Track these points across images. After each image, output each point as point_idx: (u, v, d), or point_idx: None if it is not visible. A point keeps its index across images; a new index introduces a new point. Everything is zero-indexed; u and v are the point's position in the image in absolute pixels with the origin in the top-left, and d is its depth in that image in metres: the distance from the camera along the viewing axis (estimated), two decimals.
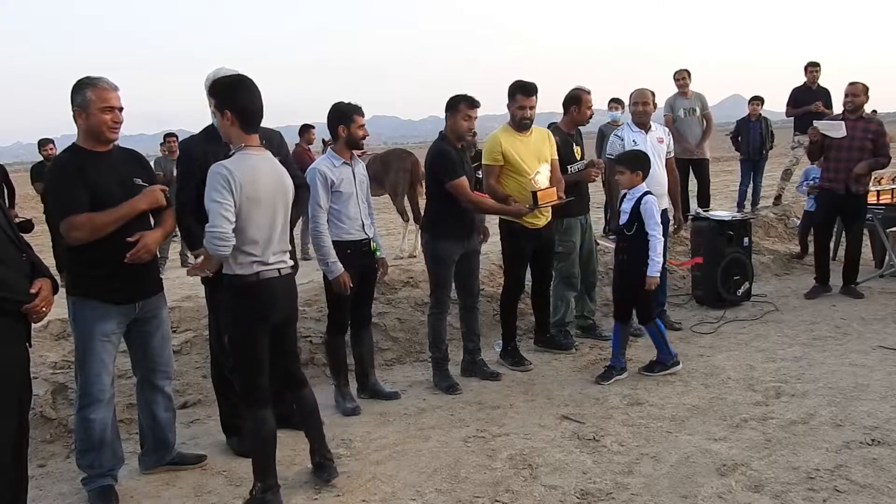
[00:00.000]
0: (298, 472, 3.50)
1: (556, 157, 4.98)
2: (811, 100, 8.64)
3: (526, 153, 4.77)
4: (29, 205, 15.37)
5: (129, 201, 3.15)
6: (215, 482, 3.47)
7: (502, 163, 4.76)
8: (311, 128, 9.31)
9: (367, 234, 4.27)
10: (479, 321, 4.94)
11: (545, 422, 3.99)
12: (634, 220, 4.58)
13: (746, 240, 6.51)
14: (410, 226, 8.13)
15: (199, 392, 4.55)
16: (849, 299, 6.29)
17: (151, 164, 4.16)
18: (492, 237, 5.64)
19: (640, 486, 3.20)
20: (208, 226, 2.86)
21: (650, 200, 4.56)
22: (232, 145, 3.01)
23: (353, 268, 4.16)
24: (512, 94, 4.80)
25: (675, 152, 5.84)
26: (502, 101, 4.91)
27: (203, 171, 2.98)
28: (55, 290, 2.76)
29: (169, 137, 9.28)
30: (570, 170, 5.20)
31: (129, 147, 3.52)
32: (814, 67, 8.76)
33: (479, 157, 5.52)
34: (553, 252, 5.16)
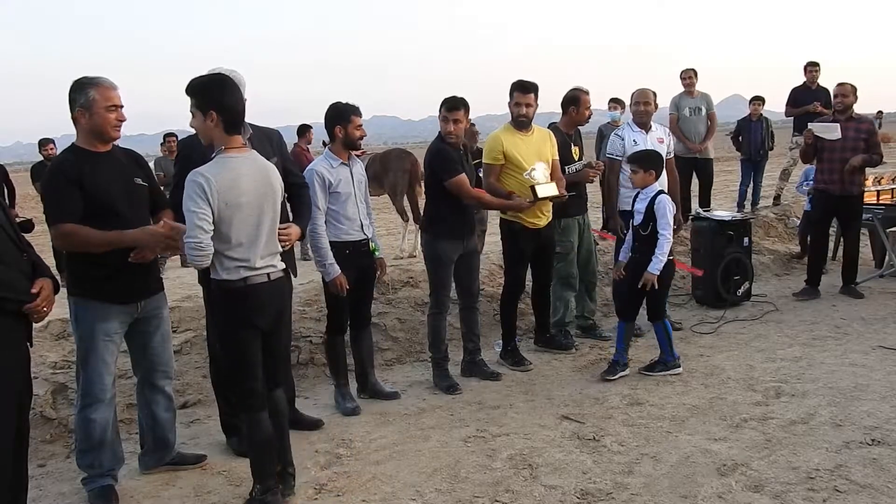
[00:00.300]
0: (298, 472, 3.49)
1: (557, 158, 4.99)
2: (811, 100, 8.65)
3: (527, 153, 4.77)
4: (29, 205, 15.38)
5: (125, 233, 3.08)
6: (215, 482, 3.47)
7: (503, 162, 4.76)
8: (310, 128, 9.36)
9: (365, 234, 4.26)
10: (479, 321, 4.94)
11: (545, 422, 3.99)
12: (649, 220, 4.62)
13: (746, 240, 6.51)
14: (410, 226, 8.13)
15: (199, 392, 4.55)
16: (849, 299, 6.30)
17: (151, 164, 4.16)
18: (492, 237, 5.64)
19: (640, 486, 3.20)
20: (185, 236, 2.81)
21: (663, 200, 4.60)
22: (213, 147, 2.92)
23: (351, 268, 4.16)
24: (510, 92, 4.84)
25: (679, 151, 5.85)
26: (502, 101, 4.94)
27: None
28: (56, 289, 2.76)
29: (169, 137, 9.28)
30: (567, 170, 5.20)
31: (129, 147, 3.52)
32: (813, 67, 8.76)
33: (480, 156, 5.52)
34: (553, 252, 5.16)
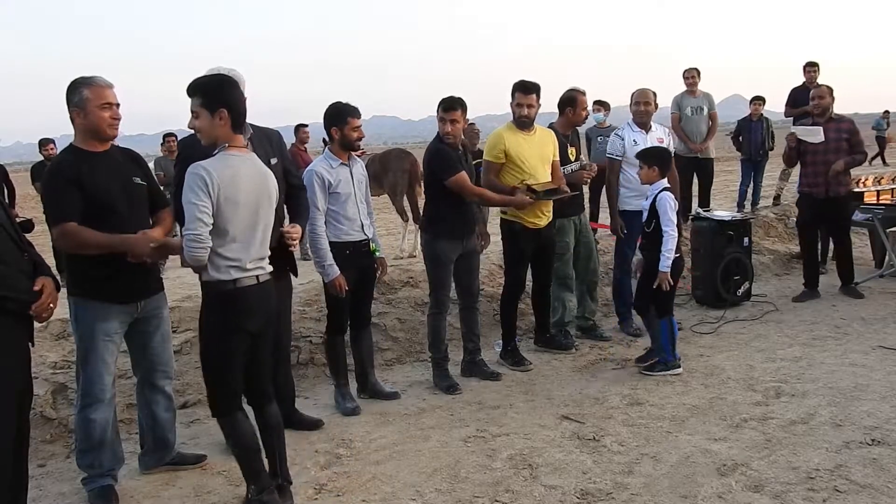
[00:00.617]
0: (298, 472, 3.49)
1: (558, 158, 5.00)
2: (810, 100, 8.64)
3: (530, 152, 4.77)
4: (29, 205, 15.38)
5: (115, 237, 3.06)
6: (215, 482, 3.47)
7: (503, 160, 4.77)
8: (304, 127, 9.41)
9: (366, 234, 4.26)
10: (478, 321, 4.94)
11: (545, 422, 3.99)
12: (652, 218, 4.67)
13: (746, 240, 6.51)
14: (410, 226, 8.14)
15: (199, 392, 4.55)
16: (849, 299, 6.28)
17: (151, 164, 4.17)
18: (492, 237, 5.64)
19: (640, 486, 3.20)
20: (184, 229, 2.77)
21: (664, 197, 4.62)
22: (215, 147, 2.90)
23: (352, 269, 4.16)
24: (512, 93, 4.84)
25: (680, 151, 5.85)
26: (502, 100, 4.95)
27: None
28: (56, 289, 2.76)
29: (168, 137, 9.29)
30: (563, 171, 5.21)
31: (129, 147, 3.52)
32: (812, 67, 8.75)
33: (480, 156, 5.52)
34: (553, 252, 5.16)
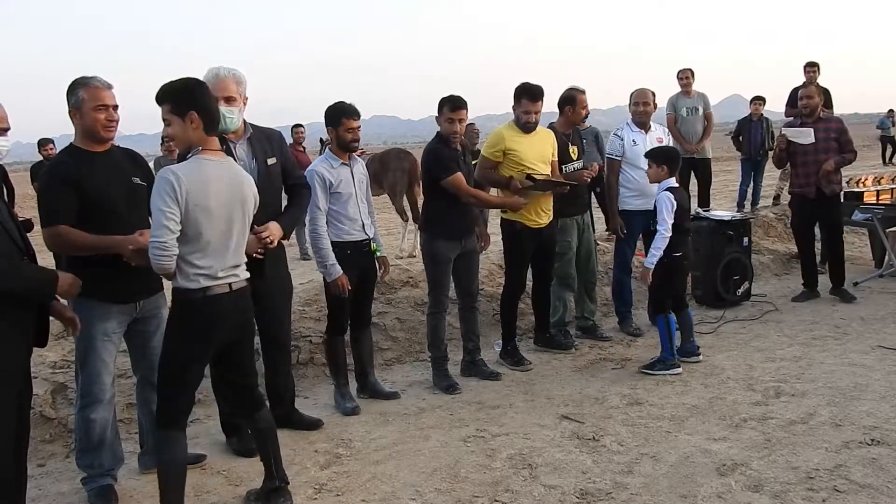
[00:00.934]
0: (298, 472, 3.49)
1: (557, 159, 5.01)
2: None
3: (531, 152, 4.77)
4: (29, 204, 15.36)
5: (105, 238, 3.03)
6: (215, 482, 3.47)
7: (501, 160, 4.77)
8: (299, 127, 9.53)
9: (367, 234, 4.26)
10: (478, 321, 4.94)
11: (545, 421, 3.99)
12: (653, 216, 4.75)
13: (746, 240, 6.51)
14: (409, 225, 8.14)
15: (198, 392, 4.53)
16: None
17: (151, 163, 4.16)
18: (492, 237, 5.64)
19: (640, 486, 3.20)
20: (150, 236, 2.71)
21: (661, 197, 4.69)
22: (191, 150, 2.84)
23: (352, 268, 4.17)
24: (518, 97, 4.79)
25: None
26: (502, 100, 4.86)
27: None
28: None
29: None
30: (565, 170, 5.21)
31: (129, 147, 3.52)
32: (812, 67, 8.75)
33: (478, 156, 5.52)
34: (554, 252, 5.16)
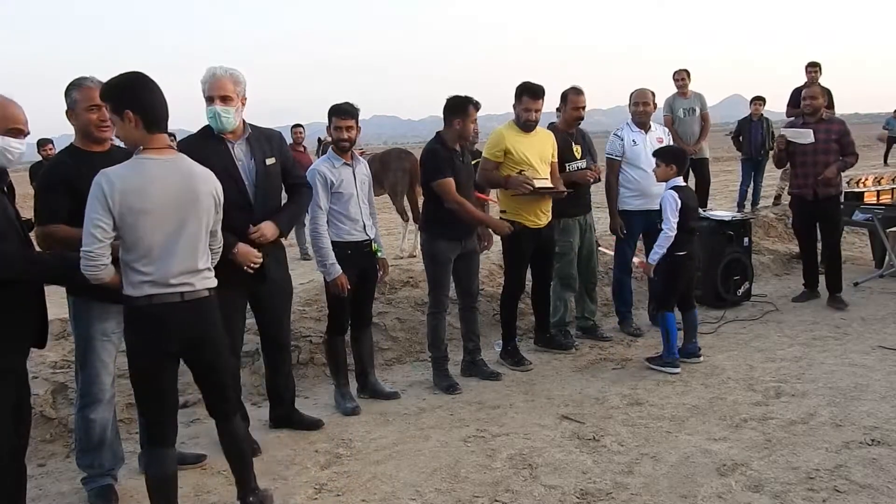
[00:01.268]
0: (298, 472, 3.50)
1: (556, 160, 5.01)
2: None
3: (531, 152, 4.78)
4: (28, 204, 15.32)
5: None
6: (215, 482, 3.46)
7: (502, 160, 4.78)
8: (298, 127, 9.68)
9: (368, 234, 4.26)
10: (478, 321, 4.93)
11: (545, 422, 3.99)
12: (659, 215, 4.81)
13: (746, 240, 6.51)
14: (410, 226, 8.14)
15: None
16: (848, 298, 6.22)
17: None
18: (493, 237, 5.64)
19: (640, 486, 3.20)
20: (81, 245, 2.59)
21: (666, 196, 4.74)
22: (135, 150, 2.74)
23: (352, 268, 4.16)
24: (519, 96, 4.80)
25: None
26: (502, 100, 4.89)
27: None
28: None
29: (168, 137, 9.32)
30: (568, 168, 5.21)
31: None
32: (813, 68, 8.75)
33: (478, 156, 5.52)
34: (553, 252, 5.16)
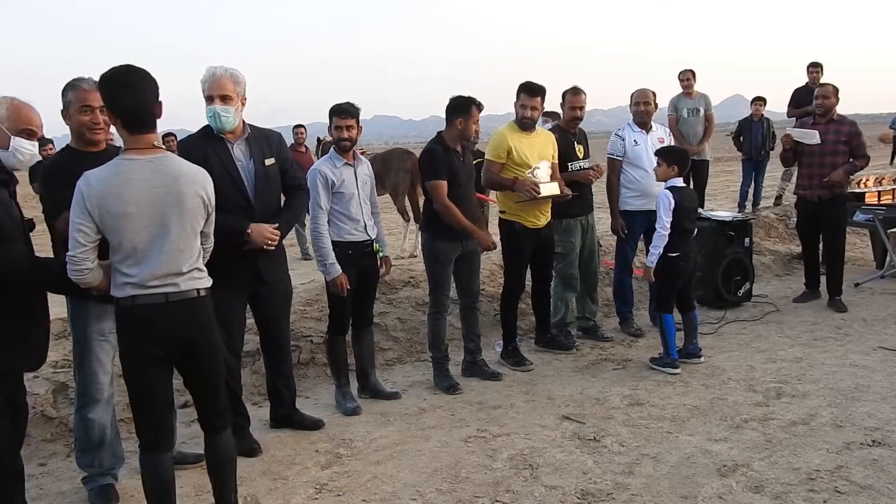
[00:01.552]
0: (299, 472, 3.50)
1: (557, 162, 5.01)
2: (812, 100, 8.63)
3: (531, 152, 4.79)
4: (29, 204, 15.35)
5: None
6: None
7: (504, 161, 4.78)
8: (299, 127, 9.67)
9: (369, 235, 4.26)
10: (479, 321, 4.93)
11: (546, 422, 3.99)
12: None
13: (747, 240, 6.50)
14: (411, 226, 8.13)
15: None
16: (849, 299, 6.22)
17: None
18: (494, 238, 5.64)
19: (641, 487, 3.19)
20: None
21: (661, 195, 4.76)
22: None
23: (353, 268, 4.16)
24: (517, 94, 4.85)
25: None
26: (504, 101, 4.94)
27: None
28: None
29: (167, 137, 9.31)
30: (570, 167, 5.22)
31: None
32: (815, 68, 8.75)
33: (479, 156, 5.52)
34: (552, 252, 5.16)
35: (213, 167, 3.31)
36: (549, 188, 4.76)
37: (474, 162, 5.01)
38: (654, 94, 5.60)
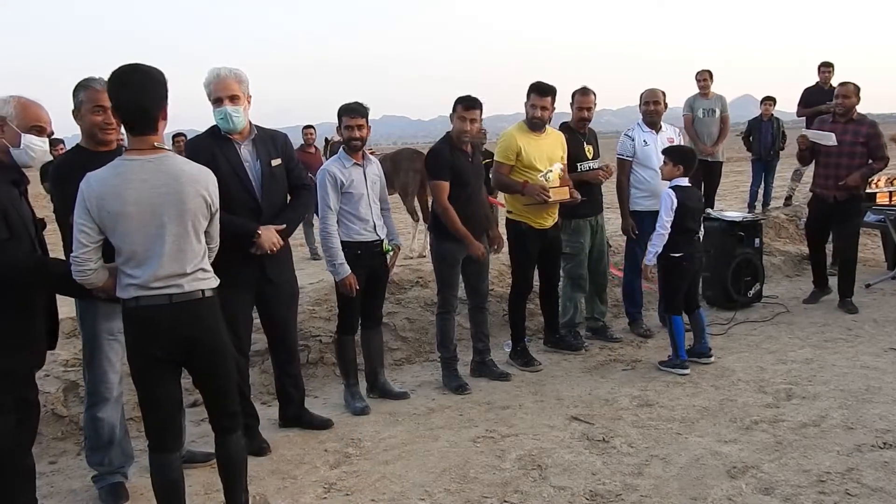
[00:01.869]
0: (308, 471, 3.50)
1: (566, 162, 5.00)
2: (823, 100, 8.57)
3: (540, 154, 4.78)
4: (40, 203, 15.44)
5: None
6: None
7: (513, 162, 4.77)
8: (308, 127, 9.74)
9: (378, 234, 4.26)
10: (488, 321, 4.93)
11: (554, 422, 3.99)
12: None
13: (757, 241, 6.47)
14: (420, 226, 8.14)
15: None
16: (860, 300, 6.18)
17: None
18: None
19: (650, 488, 3.18)
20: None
21: (665, 193, 4.74)
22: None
23: (362, 268, 4.17)
24: (528, 93, 4.85)
25: None
26: (512, 101, 4.94)
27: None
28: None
29: (178, 137, 9.34)
30: (579, 168, 5.20)
31: None
32: (827, 68, 8.70)
33: (488, 156, 5.50)
34: (560, 253, 5.15)
35: (221, 167, 3.32)
36: (558, 193, 4.75)
37: (483, 162, 5.00)
38: (663, 93, 5.58)
